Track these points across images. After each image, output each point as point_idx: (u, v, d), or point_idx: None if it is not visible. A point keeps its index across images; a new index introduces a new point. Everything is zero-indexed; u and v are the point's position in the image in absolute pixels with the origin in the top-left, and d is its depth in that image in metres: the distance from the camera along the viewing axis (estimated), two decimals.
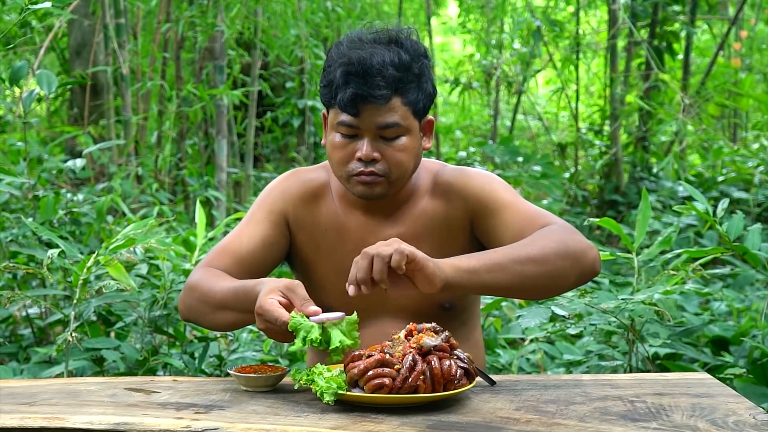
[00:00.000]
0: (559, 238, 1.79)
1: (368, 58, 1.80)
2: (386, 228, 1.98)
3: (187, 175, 6.38)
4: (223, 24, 6.04)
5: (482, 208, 1.94)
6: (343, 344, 1.60)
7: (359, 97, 1.80)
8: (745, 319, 3.60)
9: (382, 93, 1.80)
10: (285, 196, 2.02)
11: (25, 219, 2.91)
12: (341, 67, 1.81)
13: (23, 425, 1.48)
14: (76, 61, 7.55)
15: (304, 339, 1.58)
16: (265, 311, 1.63)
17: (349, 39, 1.88)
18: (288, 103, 8.50)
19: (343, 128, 1.86)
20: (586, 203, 8.79)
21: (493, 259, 1.73)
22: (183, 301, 1.94)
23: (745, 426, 1.42)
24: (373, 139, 1.85)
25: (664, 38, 8.52)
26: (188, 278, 1.95)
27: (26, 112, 3.25)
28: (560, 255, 1.76)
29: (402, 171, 1.89)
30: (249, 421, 1.47)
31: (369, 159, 1.85)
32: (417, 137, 1.90)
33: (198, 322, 1.94)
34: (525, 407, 1.55)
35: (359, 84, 1.79)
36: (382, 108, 1.82)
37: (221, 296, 1.83)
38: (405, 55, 1.84)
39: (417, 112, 1.88)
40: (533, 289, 1.80)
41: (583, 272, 1.79)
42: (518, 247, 1.77)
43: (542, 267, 1.74)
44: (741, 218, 2.56)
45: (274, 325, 1.63)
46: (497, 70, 9.46)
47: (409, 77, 1.84)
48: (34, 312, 3.43)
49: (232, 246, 1.98)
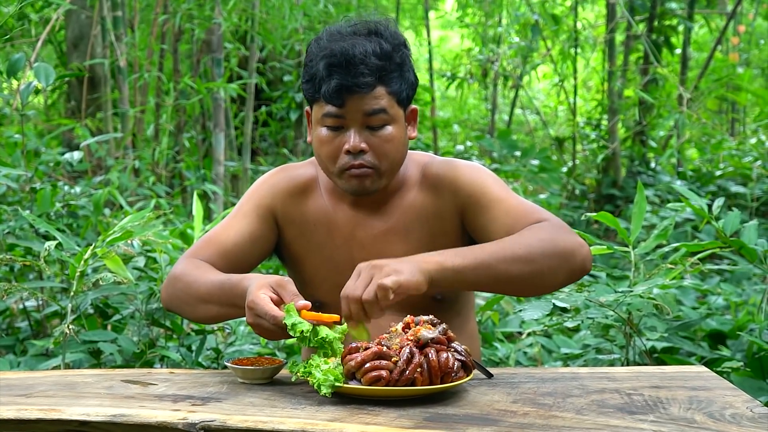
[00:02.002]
0: (548, 237, 1.78)
1: (350, 48, 1.81)
2: (375, 221, 1.97)
3: (185, 169, 6.38)
4: (221, 16, 6.02)
5: (473, 203, 1.93)
6: (329, 338, 1.60)
7: (344, 88, 1.80)
8: (742, 313, 3.60)
9: (366, 80, 1.80)
10: (273, 191, 2.02)
11: (22, 211, 2.91)
12: (323, 60, 1.82)
13: (20, 417, 1.48)
14: (74, 54, 7.54)
15: (293, 327, 1.59)
16: (256, 306, 1.64)
17: (329, 33, 1.88)
18: (285, 97, 8.49)
19: (329, 120, 1.85)
20: (583, 197, 8.80)
21: (479, 258, 1.73)
22: (166, 290, 1.94)
23: (742, 419, 1.42)
24: (359, 129, 1.85)
25: (662, 33, 8.52)
26: (173, 268, 1.95)
27: (23, 104, 3.24)
28: (547, 254, 1.75)
29: (390, 161, 1.88)
30: (246, 414, 1.47)
31: (357, 150, 1.85)
32: (403, 127, 1.91)
33: (180, 313, 1.95)
34: (522, 400, 1.55)
35: (343, 75, 1.80)
36: (367, 96, 1.82)
37: (205, 289, 1.83)
38: (386, 45, 1.84)
39: (401, 101, 1.88)
40: (520, 287, 1.80)
41: (572, 271, 1.79)
42: (505, 245, 1.76)
43: (528, 266, 1.74)
44: (737, 215, 2.56)
45: (263, 319, 1.63)
46: (494, 64, 9.45)
47: (391, 66, 1.84)
48: (31, 304, 3.43)
49: (218, 238, 1.98)
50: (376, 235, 1.97)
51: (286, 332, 1.62)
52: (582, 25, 9.73)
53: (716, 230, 2.53)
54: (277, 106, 8.51)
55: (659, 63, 8.07)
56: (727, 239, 2.50)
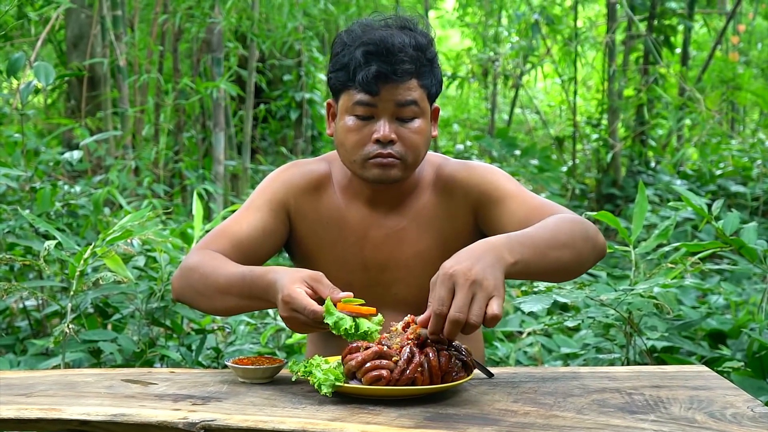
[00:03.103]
0: (577, 223, 1.77)
1: (389, 37, 1.81)
2: (388, 221, 1.97)
3: (184, 168, 6.38)
4: (220, 16, 6.02)
5: (485, 199, 1.93)
6: (371, 331, 1.60)
7: (381, 75, 1.80)
8: (743, 313, 3.60)
9: (405, 68, 1.80)
10: (287, 186, 2.00)
11: (22, 211, 2.90)
12: (361, 47, 1.81)
13: (20, 416, 1.47)
14: (74, 54, 7.54)
15: (336, 325, 1.58)
16: (293, 300, 1.61)
17: (361, 25, 1.88)
18: (285, 96, 8.49)
19: (360, 108, 1.84)
20: (583, 197, 8.80)
21: (539, 248, 1.66)
22: (179, 281, 1.90)
23: (743, 419, 1.42)
24: (389, 119, 1.84)
25: (662, 32, 8.52)
26: (185, 259, 1.91)
27: (23, 103, 3.24)
28: (583, 238, 1.75)
29: (416, 154, 1.88)
30: (246, 413, 1.47)
31: (387, 140, 1.83)
32: (429, 122, 1.91)
33: (192, 304, 1.90)
34: (523, 399, 1.55)
35: (381, 62, 1.80)
36: (402, 86, 1.82)
37: (225, 280, 1.80)
38: (421, 39, 1.85)
39: (430, 96, 1.89)
40: (564, 273, 1.76)
41: (598, 254, 1.80)
42: (554, 233, 1.71)
43: (571, 251, 1.72)
44: (737, 215, 2.56)
45: (300, 314, 1.61)
46: (494, 63, 9.45)
47: (424, 60, 1.85)
48: (31, 304, 3.43)
49: (231, 230, 1.95)
50: (389, 235, 1.96)
51: (320, 326, 1.61)
52: (582, 24, 9.73)
53: (716, 230, 2.53)
54: (277, 104, 8.50)
55: (659, 63, 8.07)
56: (727, 239, 2.50)
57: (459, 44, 12.15)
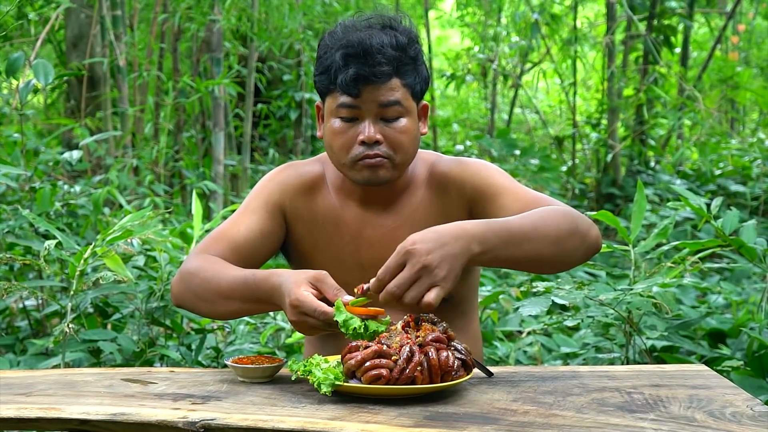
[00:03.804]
0: (567, 216, 1.76)
1: (367, 39, 1.81)
2: (383, 219, 1.97)
3: (184, 167, 6.38)
4: (220, 15, 6.02)
5: (479, 194, 1.92)
6: (379, 330, 1.60)
7: (361, 77, 1.80)
8: (742, 312, 3.60)
9: (383, 70, 1.80)
10: (282, 187, 2.01)
11: (22, 210, 2.91)
12: (340, 50, 1.81)
13: (20, 415, 1.47)
14: (73, 53, 7.54)
15: (345, 325, 1.58)
16: (302, 303, 1.61)
17: (343, 26, 1.88)
18: (285, 96, 8.49)
19: (344, 110, 1.85)
20: (583, 196, 8.81)
21: (516, 236, 1.66)
22: (179, 286, 1.89)
23: (742, 417, 1.42)
24: (374, 120, 1.85)
25: (662, 32, 8.52)
26: (184, 264, 1.91)
27: (23, 103, 3.24)
28: (571, 231, 1.75)
29: (404, 153, 1.88)
30: (246, 412, 1.47)
31: (372, 141, 1.84)
32: (416, 120, 1.90)
33: (193, 309, 1.89)
34: (522, 398, 1.55)
35: (360, 64, 1.80)
36: (383, 87, 1.82)
37: (227, 285, 1.80)
38: (401, 38, 1.85)
39: (415, 94, 1.89)
40: (547, 265, 1.76)
41: (589, 248, 1.79)
42: (534, 224, 1.71)
43: (556, 245, 1.72)
44: (736, 214, 2.56)
45: (310, 317, 1.61)
46: (494, 63, 9.46)
47: (406, 59, 1.85)
48: (31, 304, 3.43)
49: (229, 233, 1.95)
50: (384, 234, 1.96)
51: (330, 327, 1.61)
52: (582, 23, 9.74)
53: (715, 229, 2.53)
54: (277, 104, 8.50)
55: (659, 62, 8.07)
56: (726, 238, 2.50)
57: (459, 44, 12.14)
